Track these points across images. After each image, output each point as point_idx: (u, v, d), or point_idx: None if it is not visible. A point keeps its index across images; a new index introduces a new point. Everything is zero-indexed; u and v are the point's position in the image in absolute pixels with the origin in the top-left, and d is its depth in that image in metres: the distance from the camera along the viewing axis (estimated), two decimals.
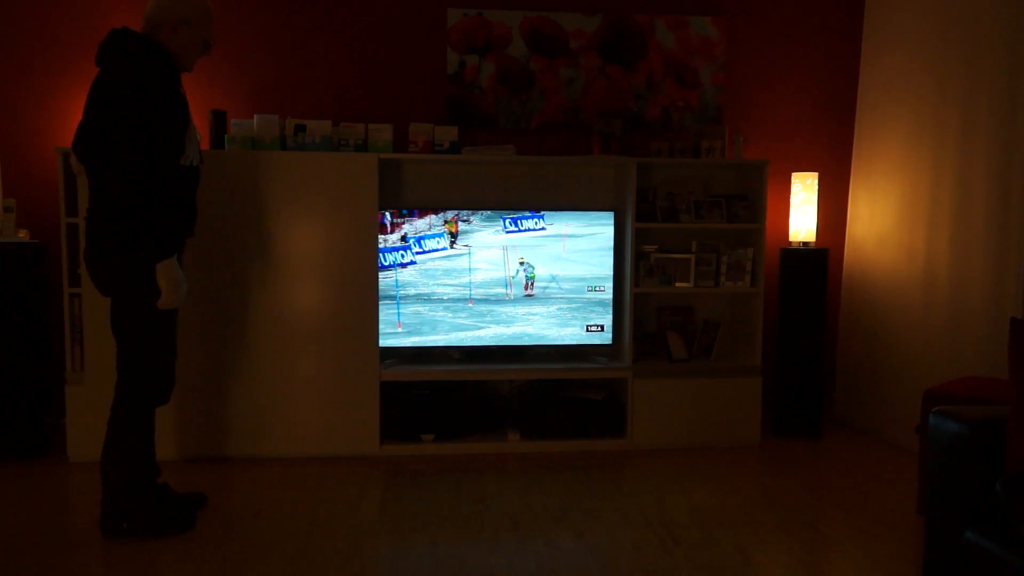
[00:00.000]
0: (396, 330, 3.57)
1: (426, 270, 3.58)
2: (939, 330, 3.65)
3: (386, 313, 3.59)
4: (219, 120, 3.71)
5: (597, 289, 3.87)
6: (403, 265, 3.58)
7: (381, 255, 3.58)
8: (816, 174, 4.11)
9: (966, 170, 3.52)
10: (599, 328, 3.89)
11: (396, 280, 3.55)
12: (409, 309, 3.52)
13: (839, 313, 4.39)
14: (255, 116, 3.66)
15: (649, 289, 3.88)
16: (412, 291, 3.57)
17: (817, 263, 4.02)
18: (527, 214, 3.66)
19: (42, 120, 3.89)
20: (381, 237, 3.59)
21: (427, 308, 3.53)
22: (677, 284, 3.92)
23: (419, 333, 3.62)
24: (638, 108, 4.19)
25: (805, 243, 4.10)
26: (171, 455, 3.51)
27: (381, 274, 3.56)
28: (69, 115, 3.87)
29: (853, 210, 4.29)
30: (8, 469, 3.45)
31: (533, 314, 3.69)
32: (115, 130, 2.48)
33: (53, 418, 3.76)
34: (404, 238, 3.49)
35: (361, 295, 3.59)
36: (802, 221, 4.10)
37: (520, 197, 3.98)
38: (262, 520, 2.89)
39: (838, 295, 4.39)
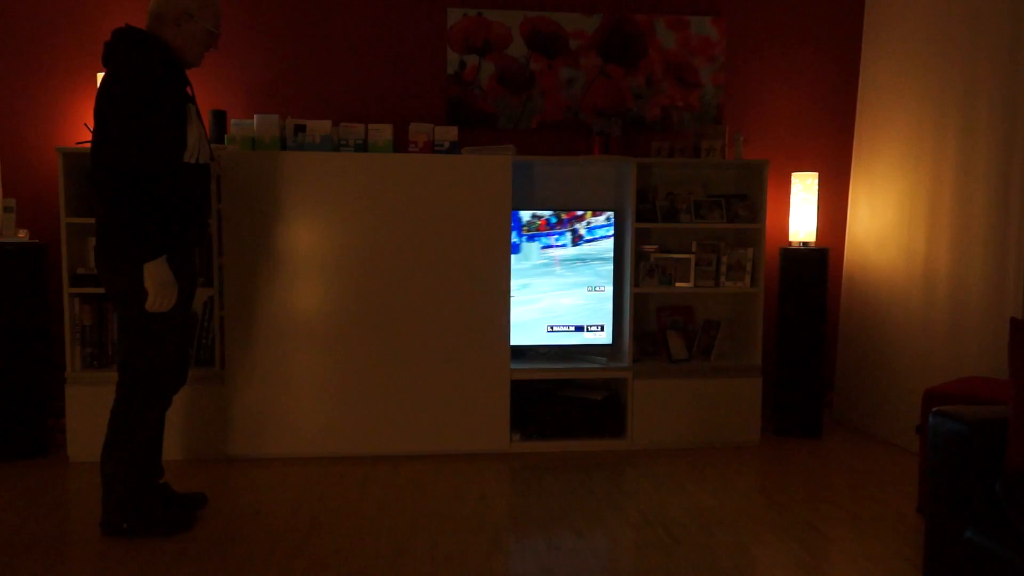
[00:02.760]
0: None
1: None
2: (939, 330, 3.65)
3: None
4: (219, 120, 3.71)
5: (597, 289, 3.87)
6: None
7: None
8: (816, 174, 4.11)
9: (966, 170, 3.52)
10: (599, 328, 3.89)
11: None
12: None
13: (839, 313, 4.39)
14: (255, 116, 3.66)
15: (649, 289, 3.88)
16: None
17: (817, 263, 4.02)
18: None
19: (42, 120, 3.89)
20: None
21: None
22: (677, 284, 3.92)
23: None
24: (638, 108, 4.19)
25: (805, 243, 4.10)
26: (304, 452, 3.59)
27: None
28: (69, 115, 3.87)
29: (853, 210, 4.30)
30: (8, 469, 3.45)
31: None
32: (113, 129, 2.49)
33: (53, 418, 3.76)
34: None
35: (493, 294, 3.66)
36: (802, 221, 4.10)
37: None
38: (261, 519, 2.89)
39: (838, 295, 4.39)
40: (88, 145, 3.64)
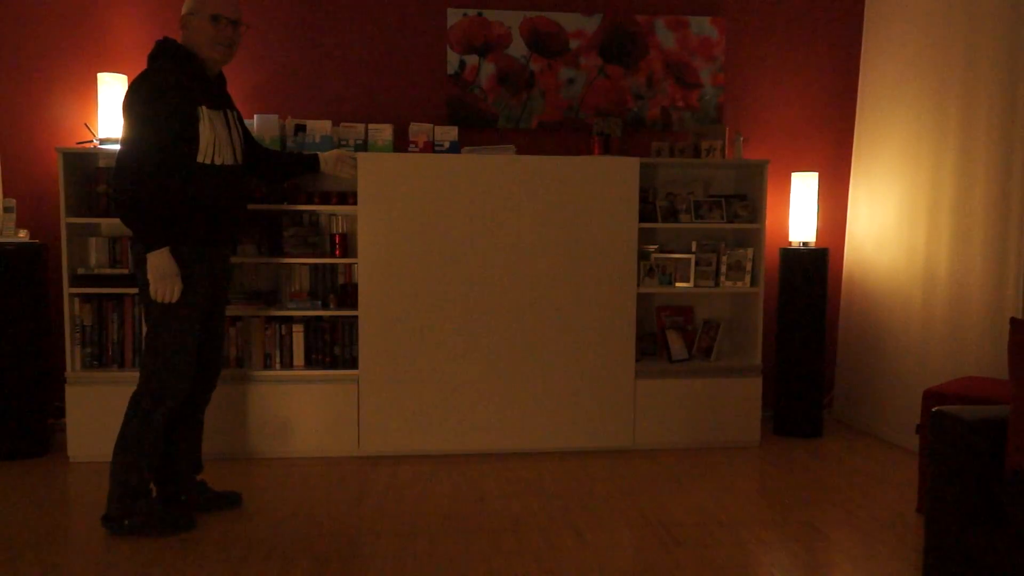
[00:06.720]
0: None
1: None
2: (939, 330, 3.65)
3: None
4: None
5: None
6: None
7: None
8: (816, 174, 4.11)
9: (966, 170, 3.52)
10: None
11: None
12: None
13: (839, 313, 4.39)
14: (255, 116, 3.67)
15: (649, 289, 3.88)
16: None
17: (817, 263, 4.02)
18: None
19: (42, 120, 3.89)
20: None
21: None
22: (677, 284, 3.92)
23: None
24: (638, 108, 4.19)
25: (805, 243, 4.10)
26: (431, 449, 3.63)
27: None
28: (69, 115, 3.87)
29: (853, 210, 4.30)
30: (8, 469, 3.45)
31: None
32: (123, 129, 2.61)
33: (53, 418, 3.76)
34: None
35: (622, 295, 3.71)
36: (802, 221, 4.10)
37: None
38: (259, 518, 2.89)
39: (838, 295, 4.39)
40: (88, 145, 3.65)
